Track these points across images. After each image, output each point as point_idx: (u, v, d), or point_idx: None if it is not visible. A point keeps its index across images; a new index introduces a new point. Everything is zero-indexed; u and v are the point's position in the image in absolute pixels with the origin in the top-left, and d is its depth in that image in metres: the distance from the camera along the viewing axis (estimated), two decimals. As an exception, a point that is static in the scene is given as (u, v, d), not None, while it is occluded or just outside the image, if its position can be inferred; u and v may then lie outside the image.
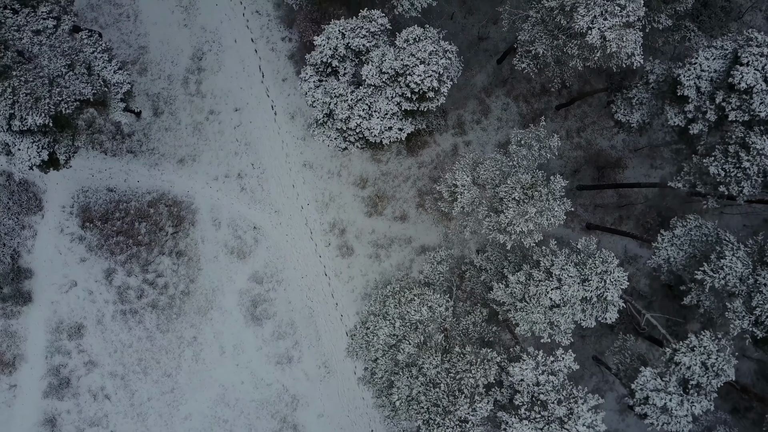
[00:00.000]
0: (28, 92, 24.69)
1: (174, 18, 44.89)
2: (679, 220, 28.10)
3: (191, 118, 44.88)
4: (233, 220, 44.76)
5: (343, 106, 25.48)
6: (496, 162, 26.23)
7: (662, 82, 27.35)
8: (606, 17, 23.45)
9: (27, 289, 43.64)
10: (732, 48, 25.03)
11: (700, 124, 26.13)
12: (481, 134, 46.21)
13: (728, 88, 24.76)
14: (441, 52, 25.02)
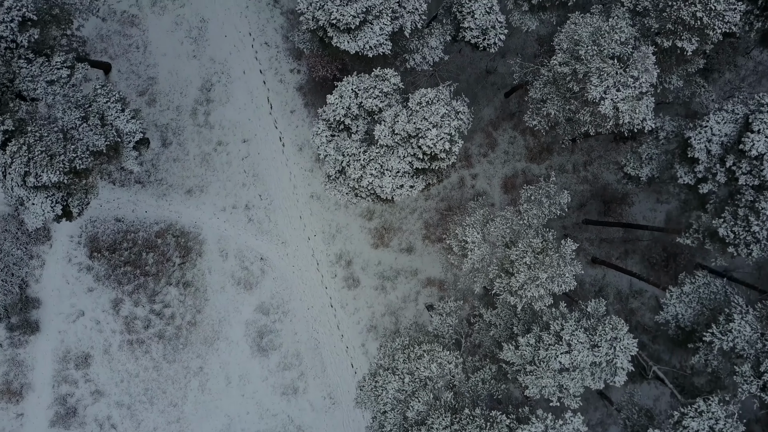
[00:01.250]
0: (43, 149, 24.86)
1: (183, 49, 45.02)
2: (687, 276, 28.30)
3: (199, 149, 45.04)
4: (240, 251, 44.95)
5: (356, 166, 25.68)
6: (506, 220, 26.43)
7: (672, 138, 27.51)
8: (619, 88, 23.61)
9: (35, 318, 43.86)
10: (743, 113, 25.19)
11: (710, 184, 26.30)
12: (487, 167, 46.38)
13: (739, 153, 24.94)
14: (453, 114, 25.20)
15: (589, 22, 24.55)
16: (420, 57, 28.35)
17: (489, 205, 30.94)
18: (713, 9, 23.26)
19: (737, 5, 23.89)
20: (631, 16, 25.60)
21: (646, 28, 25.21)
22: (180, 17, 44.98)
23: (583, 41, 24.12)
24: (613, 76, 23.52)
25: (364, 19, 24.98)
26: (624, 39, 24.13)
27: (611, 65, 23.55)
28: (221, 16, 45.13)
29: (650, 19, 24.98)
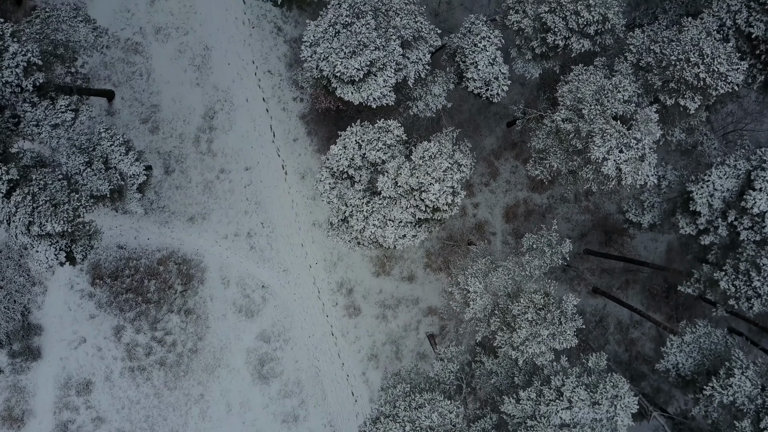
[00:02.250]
0: (47, 199, 24.97)
1: (186, 77, 45.09)
2: (688, 326, 28.41)
3: (202, 176, 45.13)
4: (242, 279, 45.06)
5: (359, 217, 25.79)
6: (508, 271, 26.54)
7: (675, 187, 27.59)
8: (622, 149, 23.69)
9: (36, 345, 43.98)
10: (745, 169, 25.28)
11: (711, 236, 26.38)
12: (489, 196, 46.47)
13: (741, 209, 25.02)
14: (455, 167, 25.30)
15: (592, 80, 24.64)
16: (423, 104, 28.47)
17: (489, 245, 31.01)
18: (716, 70, 23.37)
19: (740, 65, 23.97)
20: (634, 70, 25.71)
21: (649, 84, 25.33)
22: (183, 45, 45.05)
23: (586, 100, 24.22)
24: (616, 137, 23.61)
25: (368, 71, 25.07)
26: (627, 97, 24.24)
27: (614, 126, 23.64)
28: (225, 44, 45.20)
29: (653, 75, 25.09)
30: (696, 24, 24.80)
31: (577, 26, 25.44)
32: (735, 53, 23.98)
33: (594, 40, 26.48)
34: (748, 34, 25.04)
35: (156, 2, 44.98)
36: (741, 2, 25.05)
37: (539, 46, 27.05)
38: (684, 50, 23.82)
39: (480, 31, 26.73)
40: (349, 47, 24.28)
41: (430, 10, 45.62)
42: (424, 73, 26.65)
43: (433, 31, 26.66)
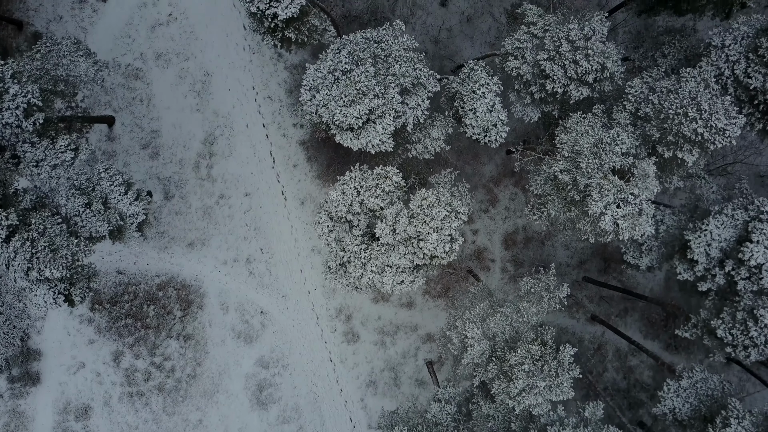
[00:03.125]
0: (45, 244, 25.05)
1: (187, 102, 45.15)
2: (685, 370, 28.45)
3: (201, 202, 45.19)
4: (241, 305, 45.14)
5: (357, 264, 25.88)
6: (506, 317, 26.61)
7: (672, 232, 27.63)
8: (619, 204, 23.75)
9: (35, 370, 44.09)
10: (742, 219, 25.31)
11: (709, 283, 26.43)
12: (488, 223, 46.51)
13: (738, 261, 25.07)
14: (454, 215, 25.36)
15: (591, 132, 24.66)
16: (422, 147, 28.54)
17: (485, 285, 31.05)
18: (714, 126, 23.42)
19: (738, 119, 24.01)
20: (632, 120, 25.73)
21: (647, 135, 25.38)
22: (184, 71, 45.10)
23: (584, 153, 24.28)
24: (613, 193, 23.66)
25: (368, 119, 25.13)
26: (625, 149, 24.29)
27: (612, 182, 23.70)
28: (225, 70, 45.26)
29: (651, 126, 25.11)
30: (694, 75, 24.84)
31: (576, 74, 25.50)
32: (733, 107, 24.01)
33: (593, 87, 26.54)
34: (746, 84, 25.09)
35: (157, 28, 45.03)
36: (739, 53, 25.09)
37: (538, 92, 27.11)
38: (682, 104, 23.86)
39: (479, 78, 26.80)
40: (349, 96, 24.33)
41: (430, 37, 45.74)
42: (422, 118, 26.71)
43: (432, 77, 26.72)
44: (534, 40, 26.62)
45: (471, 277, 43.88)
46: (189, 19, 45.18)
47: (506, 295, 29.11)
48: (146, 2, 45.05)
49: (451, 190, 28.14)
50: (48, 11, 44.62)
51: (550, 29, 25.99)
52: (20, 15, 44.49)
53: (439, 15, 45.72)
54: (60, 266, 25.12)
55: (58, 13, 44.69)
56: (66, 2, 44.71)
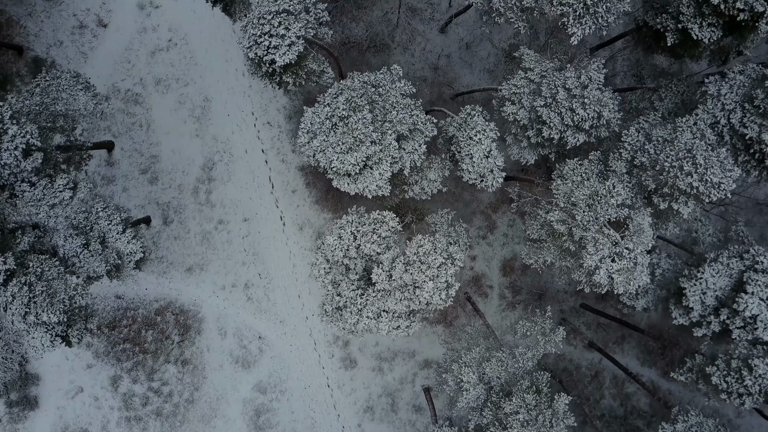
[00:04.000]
0: (43, 289, 25.15)
1: (186, 128, 45.27)
2: (680, 413, 28.51)
3: (200, 227, 45.30)
4: (239, 330, 45.24)
5: (353, 310, 25.96)
6: (501, 362, 26.68)
7: (668, 276, 27.68)
8: (614, 258, 23.83)
9: (34, 394, 44.20)
10: (738, 269, 25.37)
11: (704, 329, 26.50)
12: (486, 249, 46.57)
13: (733, 311, 25.12)
14: (450, 262, 25.43)
15: (587, 184, 24.70)
16: (419, 188, 28.62)
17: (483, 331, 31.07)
18: (709, 180, 23.47)
19: (733, 170, 24.05)
20: (628, 168, 25.79)
21: (643, 185, 25.44)
22: (183, 96, 45.22)
23: (580, 206, 24.33)
24: (608, 247, 23.73)
25: (365, 165, 25.21)
26: (621, 201, 24.34)
27: (607, 236, 23.76)
28: (224, 96, 45.37)
29: (647, 176, 25.15)
30: (690, 125, 24.87)
31: (573, 122, 25.56)
32: (729, 160, 24.07)
33: (589, 133, 26.59)
34: (742, 133, 25.13)
35: (157, 54, 45.15)
36: (735, 102, 25.13)
37: (535, 136, 27.18)
38: (677, 156, 23.93)
39: (476, 124, 26.87)
40: (346, 143, 24.43)
41: (429, 64, 45.83)
42: (419, 161, 26.80)
43: (429, 122, 26.79)
44: (531, 85, 26.69)
45: (469, 304, 43.96)
46: (189, 45, 45.31)
47: (503, 334, 29.13)
48: (146, 27, 45.18)
49: (448, 231, 28.20)
50: (48, 36, 44.75)
51: (547, 75, 26.06)
52: (20, 40, 44.61)
53: (439, 41, 45.80)
54: (57, 310, 25.24)
55: (58, 38, 44.81)
56: (66, 27, 44.85)
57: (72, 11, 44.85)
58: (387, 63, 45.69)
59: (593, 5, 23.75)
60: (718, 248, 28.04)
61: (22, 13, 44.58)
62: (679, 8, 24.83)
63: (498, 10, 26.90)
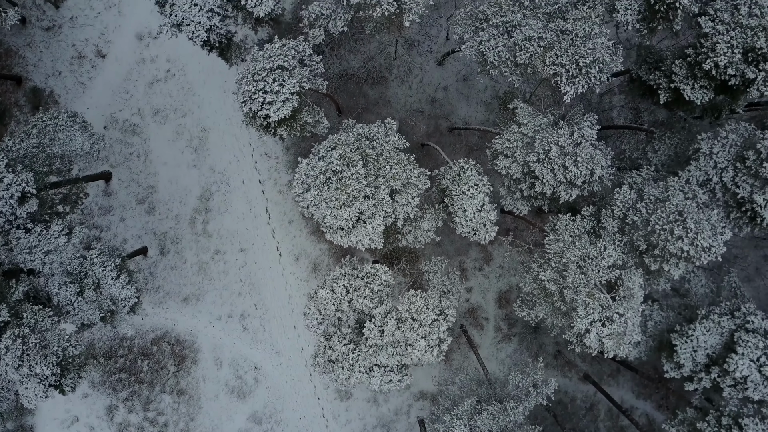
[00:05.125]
0: (36, 342, 25.27)
1: (183, 158, 45.40)
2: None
3: (197, 257, 45.41)
4: (235, 360, 45.33)
5: (345, 365, 26.06)
6: (493, 416, 26.76)
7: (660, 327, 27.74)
8: (604, 323, 23.92)
9: (30, 423, 44.31)
10: (728, 328, 25.44)
11: (695, 384, 26.56)
12: (482, 281, 46.62)
13: (724, 370, 25.20)
14: (442, 318, 25.52)
15: (578, 245, 24.79)
16: (412, 237, 28.73)
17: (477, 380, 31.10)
18: (699, 245, 23.56)
19: (725, 232, 24.11)
20: (620, 224, 25.86)
21: (635, 247, 25.52)
22: (181, 127, 45.36)
23: (571, 267, 24.43)
24: (599, 311, 23.81)
25: (359, 219, 25.32)
26: (612, 262, 24.43)
27: (597, 300, 23.85)
28: (222, 126, 45.51)
29: (639, 236, 25.21)
30: (681, 185, 24.93)
31: (565, 178, 25.65)
32: (720, 222, 24.13)
33: (582, 188, 26.68)
34: (734, 192, 25.20)
35: (155, 84, 45.29)
36: (728, 160, 25.21)
37: (528, 189, 27.28)
38: (668, 219, 24.00)
39: (468, 179, 26.96)
40: (339, 199, 24.54)
41: (426, 96, 45.93)
42: (413, 213, 26.91)
43: (422, 175, 26.91)
44: (524, 138, 26.81)
45: (464, 336, 44.03)
46: (187, 76, 45.45)
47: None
48: (144, 58, 45.33)
49: (441, 279, 28.29)
50: (47, 66, 44.91)
51: (540, 131, 26.16)
52: (19, 70, 44.78)
53: (436, 74, 45.91)
54: (50, 363, 25.36)
55: (57, 69, 44.98)
56: (65, 58, 45.02)
57: (71, 42, 45.02)
58: (384, 95, 45.89)
59: (586, 66, 23.89)
60: (710, 298, 28.09)
61: (21, 44, 44.75)
62: (671, 67, 24.94)
63: (492, 63, 27.00)
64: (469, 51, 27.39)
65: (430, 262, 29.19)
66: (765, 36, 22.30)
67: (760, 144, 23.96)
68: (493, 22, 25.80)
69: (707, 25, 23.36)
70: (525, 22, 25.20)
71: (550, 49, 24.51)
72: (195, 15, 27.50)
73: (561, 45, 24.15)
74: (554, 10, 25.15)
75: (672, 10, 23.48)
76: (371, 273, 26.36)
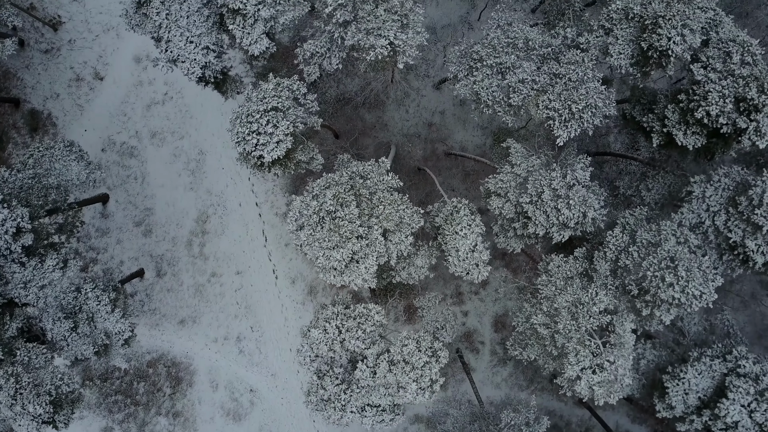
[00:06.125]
0: (29, 381, 25.36)
1: (181, 181, 45.49)
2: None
3: (193, 279, 45.50)
4: (230, 382, 45.40)
5: (337, 406, 26.13)
6: (485, 455, 26.84)
7: (653, 366, 27.77)
8: (595, 370, 23.97)
9: (25, 445, 44.34)
10: (720, 371, 25.48)
11: (687, 425, 26.60)
12: (478, 304, 46.64)
13: (715, 414, 25.22)
14: (435, 360, 25.58)
15: (570, 290, 24.85)
16: (406, 274, 28.80)
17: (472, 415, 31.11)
18: (690, 293, 23.59)
19: (716, 278, 24.14)
20: (612, 266, 25.90)
21: (627, 290, 25.55)
22: (178, 149, 45.46)
23: (562, 314, 24.47)
24: (589, 359, 23.86)
25: (351, 259, 25.40)
26: (603, 308, 24.47)
27: (588, 347, 23.89)
28: (219, 149, 45.60)
29: (630, 281, 25.21)
30: (674, 229, 24.96)
31: (558, 221, 25.71)
32: (711, 270, 24.17)
33: (575, 229, 26.74)
34: (726, 236, 25.24)
35: (152, 107, 45.40)
36: (720, 204, 25.24)
37: (521, 228, 27.34)
38: (660, 266, 24.04)
39: (461, 219, 27.03)
40: (332, 241, 24.62)
41: (423, 120, 45.98)
42: (406, 251, 26.98)
43: (416, 214, 26.98)
44: (517, 179, 26.86)
45: (460, 361, 44.04)
46: (184, 99, 45.55)
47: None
48: (142, 81, 45.44)
49: (435, 315, 28.35)
50: (45, 88, 45.04)
51: (533, 172, 26.21)
52: (17, 92, 44.91)
53: (433, 98, 45.97)
54: (43, 402, 25.45)
55: (55, 91, 45.10)
56: (63, 80, 45.13)
57: (69, 64, 45.14)
58: (381, 119, 45.96)
59: (578, 112, 23.93)
60: (703, 336, 28.09)
61: (20, 66, 44.87)
62: (664, 111, 24.97)
63: (486, 102, 27.07)
64: (463, 90, 27.46)
65: (423, 298, 29.25)
66: (757, 86, 22.35)
67: (752, 191, 23.99)
68: (487, 62, 25.86)
69: (699, 72, 23.42)
70: (519, 64, 25.28)
71: (543, 92, 24.58)
72: (190, 52, 27.57)
73: (554, 89, 24.22)
74: (548, 52, 25.23)
75: (664, 57, 23.54)
76: (364, 313, 26.44)
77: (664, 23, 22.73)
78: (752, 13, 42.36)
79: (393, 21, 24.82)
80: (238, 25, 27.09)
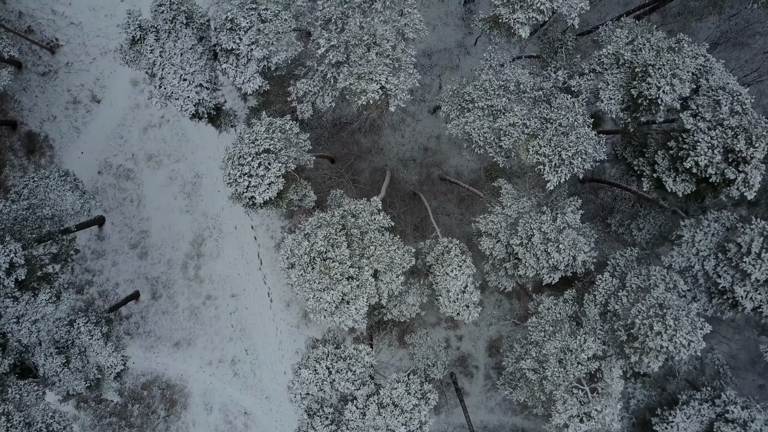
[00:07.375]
0: (21, 419, 25.47)
1: (177, 204, 45.63)
2: None
3: (188, 302, 45.63)
4: (225, 405, 45.52)
5: (326, 445, 26.28)
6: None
7: (643, 406, 27.86)
8: (582, 419, 24.07)
9: (20, 466, 44.45)
10: (709, 417, 25.55)
11: (676, 465, 26.71)
12: (473, 329, 46.73)
13: (703, 460, 25.34)
14: (424, 402, 25.69)
15: (558, 337, 24.96)
16: (397, 311, 28.92)
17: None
18: (679, 342, 23.68)
19: (704, 327, 24.23)
20: (601, 310, 26.02)
21: (616, 336, 25.65)
22: (174, 172, 45.59)
23: (550, 361, 24.56)
24: (577, 407, 23.95)
25: (342, 300, 25.52)
26: (591, 354, 24.57)
27: (576, 396, 23.99)
28: (215, 172, 45.69)
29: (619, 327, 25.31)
30: (663, 274, 25.07)
31: (548, 263, 25.84)
32: (700, 317, 24.26)
33: (565, 272, 26.87)
34: (715, 281, 25.35)
35: (149, 130, 45.55)
36: (710, 249, 25.35)
37: (512, 269, 27.48)
38: (649, 314, 24.14)
39: (452, 261, 27.17)
40: (323, 282, 24.74)
41: (419, 144, 46.10)
42: (398, 291, 27.10)
43: (407, 254, 27.10)
44: (508, 219, 26.98)
45: (454, 387, 44.11)
46: (181, 122, 45.68)
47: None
48: (139, 104, 45.58)
49: (426, 353, 28.47)
50: (42, 111, 45.20)
51: (524, 214, 26.32)
52: (14, 115, 45.07)
53: (429, 123, 46.08)
54: (34, 440, 25.59)
55: (52, 113, 45.26)
56: (60, 102, 45.29)
57: (66, 86, 45.29)
58: (377, 143, 46.08)
59: (569, 158, 24.04)
60: (693, 375, 28.18)
61: (17, 88, 45.02)
62: (654, 157, 25.10)
63: (477, 143, 27.18)
64: (455, 129, 27.58)
65: (415, 335, 29.37)
66: (745, 138, 22.45)
67: (741, 238, 24.09)
68: (478, 104, 25.98)
69: (689, 121, 23.52)
70: (510, 107, 25.38)
71: (534, 137, 24.69)
72: (183, 90, 27.69)
73: (545, 134, 24.33)
74: (539, 95, 25.33)
75: (654, 105, 23.64)
76: (353, 354, 26.57)
77: (653, 72, 22.86)
78: (747, 42, 42.47)
79: (385, 65, 24.96)
80: (231, 64, 27.22)
